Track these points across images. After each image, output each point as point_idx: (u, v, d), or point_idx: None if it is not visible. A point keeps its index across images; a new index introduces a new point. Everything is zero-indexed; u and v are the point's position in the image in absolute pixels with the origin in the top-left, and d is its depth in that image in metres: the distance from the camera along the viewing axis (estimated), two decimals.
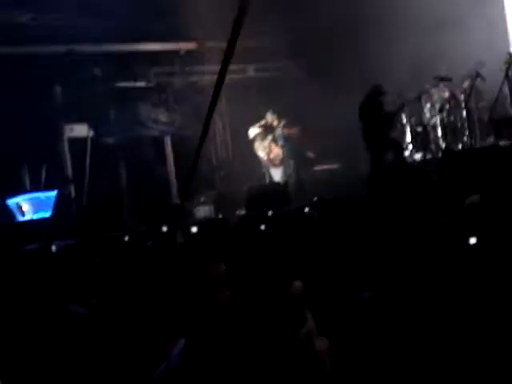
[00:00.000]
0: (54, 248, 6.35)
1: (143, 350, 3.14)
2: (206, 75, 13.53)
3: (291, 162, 12.46)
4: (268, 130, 12.62)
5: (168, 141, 14.41)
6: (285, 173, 12.48)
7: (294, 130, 12.56)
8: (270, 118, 12.63)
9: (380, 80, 11.37)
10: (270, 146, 12.50)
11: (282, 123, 12.50)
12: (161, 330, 3.25)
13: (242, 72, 14.43)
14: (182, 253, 5.26)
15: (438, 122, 12.32)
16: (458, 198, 4.68)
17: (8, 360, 3.16)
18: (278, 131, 12.45)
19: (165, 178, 14.16)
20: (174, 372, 2.52)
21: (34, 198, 10.39)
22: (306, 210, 7.19)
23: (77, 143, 12.53)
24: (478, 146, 11.52)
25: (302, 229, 4.94)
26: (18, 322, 3.33)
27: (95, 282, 4.60)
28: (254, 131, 12.66)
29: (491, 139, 11.47)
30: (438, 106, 12.41)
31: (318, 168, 13.10)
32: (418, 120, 12.68)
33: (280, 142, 12.43)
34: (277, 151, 12.42)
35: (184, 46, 14.09)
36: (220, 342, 2.48)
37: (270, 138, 12.51)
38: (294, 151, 12.65)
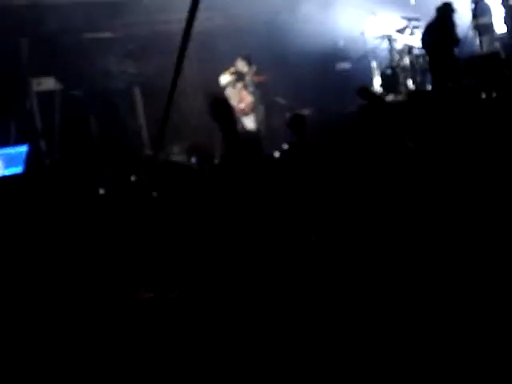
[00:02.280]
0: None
1: None
2: (173, 24, 13.35)
3: (261, 108, 12.43)
4: (238, 77, 12.53)
5: (137, 92, 14.28)
6: (256, 120, 12.47)
7: (264, 77, 12.50)
8: (239, 64, 12.53)
9: None
10: (241, 94, 12.43)
11: (253, 70, 12.41)
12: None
13: (210, 19, 14.26)
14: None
15: (408, 63, 12.36)
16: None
17: None
18: (248, 78, 12.37)
19: (136, 130, 14.10)
20: None
21: (5, 154, 10.30)
22: (277, 154, 7.24)
23: (45, 97, 12.38)
24: None
25: (272, 173, 5.00)
26: None
27: None
28: (225, 78, 12.55)
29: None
30: (406, 48, 12.44)
31: (289, 114, 13.10)
32: (387, 62, 12.73)
33: (251, 89, 12.36)
34: (248, 99, 12.37)
35: None
36: None
37: (240, 85, 12.43)
38: (265, 98, 12.62)
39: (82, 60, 13.18)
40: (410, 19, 12.14)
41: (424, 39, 10.93)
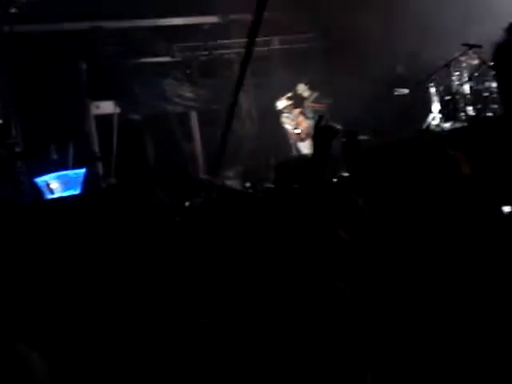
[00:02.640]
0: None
1: None
2: (231, 49, 13.43)
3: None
4: (297, 102, 12.46)
5: (194, 116, 14.37)
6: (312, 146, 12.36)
7: (324, 105, 12.35)
8: (301, 89, 12.41)
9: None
10: (297, 119, 12.36)
11: (314, 96, 12.27)
12: None
13: (267, 44, 14.29)
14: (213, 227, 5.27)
15: (468, 90, 12.13)
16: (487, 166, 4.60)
17: None
18: (308, 104, 12.26)
19: (192, 154, 14.16)
20: None
21: (63, 176, 10.43)
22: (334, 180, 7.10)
23: (103, 121, 12.55)
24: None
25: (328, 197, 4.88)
26: None
27: None
28: (282, 103, 12.50)
29: None
30: (466, 74, 12.21)
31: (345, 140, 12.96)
32: (446, 88, 12.51)
33: (309, 115, 12.25)
34: (305, 125, 12.29)
35: (208, 19, 13.98)
36: None
37: (297, 110, 12.36)
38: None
39: (139, 84, 13.34)
40: (470, 46, 11.91)
41: (495, 60, 10.63)
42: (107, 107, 12.69)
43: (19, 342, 2.18)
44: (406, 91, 13.74)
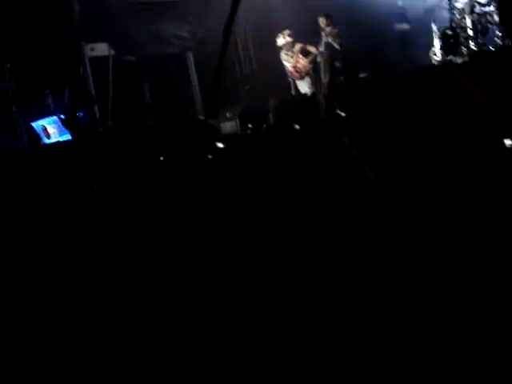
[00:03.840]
0: None
1: None
2: None
3: (327, 72, 11.84)
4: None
5: (190, 56, 14.14)
6: (311, 84, 12.14)
7: (339, 41, 11.85)
8: (320, 20, 11.84)
9: None
10: (297, 57, 12.09)
11: (332, 31, 11.71)
12: None
13: None
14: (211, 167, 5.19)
15: (469, 23, 11.88)
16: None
17: None
18: (324, 36, 11.70)
19: (189, 95, 13.99)
20: None
21: (59, 121, 10.31)
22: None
23: (98, 63, 12.34)
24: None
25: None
26: None
27: None
28: (281, 40, 12.19)
29: None
30: (468, 8, 11.95)
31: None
32: (448, 23, 12.27)
33: (321, 48, 11.74)
34: (303, 62, 12.04)
35: None
36: None
37: (298, 47, 12.04)
38: (329, 61, 12.04)
39: (134, 24, 13.08)
40: None
41: None
42: (102, 49, 12.45)
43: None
44: (406, 26, 13.50)
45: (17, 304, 2.90)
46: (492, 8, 11.59)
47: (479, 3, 11.75)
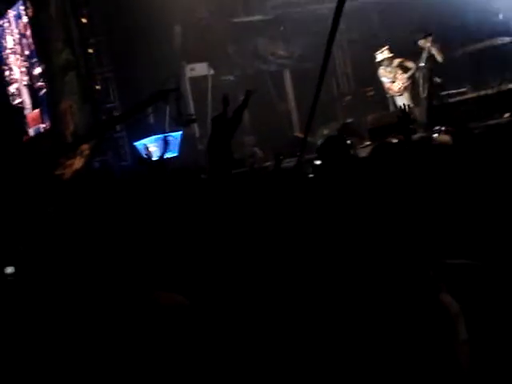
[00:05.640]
0: None
1: None
2: (325, 3, 13.12)
3: (426, 87, 11.64)
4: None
5: (287, 74, 14.27)
6: (410, 99, 11.94)
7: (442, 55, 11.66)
8: (422, 41, 11.69)
9: None
10: (396, 72, 11.95)
11: (435, 45, 11.51)
12: None
13: None
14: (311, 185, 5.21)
15: None
16: None
17: None
18: (425, 53, 11.53)
19: (286, 112, 14.08)
20: None
21: (160, 139, 10.58)
22: (435, 135, 6.90)
23: (198, 82, 12.65)
24: None
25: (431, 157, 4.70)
26: None
27: None
28: (381, 55, 12.09)
29: None
30: None
31: (444, 93, 12.50)
32: None
33: (422, 63, 11.56)
34: (402, 78, 11.89)
35: None
36: None
37: (396, 62, 11.90)
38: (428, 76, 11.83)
39: (232, 44, 13.33)
40: None
41: None
42: (201, 69, 12.77)
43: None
44: (507, 40, 13.09)
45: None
46: None
47: None
